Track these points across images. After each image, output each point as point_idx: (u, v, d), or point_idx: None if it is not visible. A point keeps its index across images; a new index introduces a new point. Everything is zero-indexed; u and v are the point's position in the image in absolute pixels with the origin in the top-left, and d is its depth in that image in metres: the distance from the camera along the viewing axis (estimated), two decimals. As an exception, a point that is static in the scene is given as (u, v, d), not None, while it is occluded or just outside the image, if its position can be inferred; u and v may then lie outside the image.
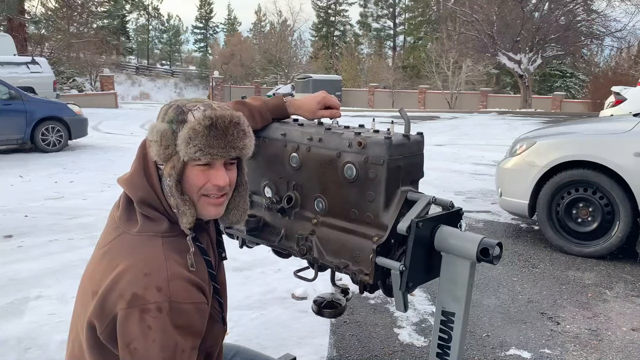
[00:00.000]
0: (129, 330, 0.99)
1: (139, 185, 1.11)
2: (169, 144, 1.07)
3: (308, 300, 3.20)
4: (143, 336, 0.98)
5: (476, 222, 5.16)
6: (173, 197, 1.09)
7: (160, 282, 1.00)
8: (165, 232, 1.09)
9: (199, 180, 1.10)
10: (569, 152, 4.20)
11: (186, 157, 1.07)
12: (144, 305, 0.98)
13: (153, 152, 1.10)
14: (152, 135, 1.10)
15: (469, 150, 10.47)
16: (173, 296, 1.01)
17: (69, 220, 5.04)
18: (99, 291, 1.04)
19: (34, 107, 9.56)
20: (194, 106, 1.10)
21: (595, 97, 23.44)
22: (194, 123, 1.06)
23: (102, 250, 1.11)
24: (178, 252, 1.08)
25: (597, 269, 3.93)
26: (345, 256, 1.33)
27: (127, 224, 1.11)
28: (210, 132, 1.06)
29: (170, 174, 1.08)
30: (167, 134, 1.08)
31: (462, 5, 26.92)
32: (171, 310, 1.00)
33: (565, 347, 2.76)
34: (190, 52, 66.91)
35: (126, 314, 0.99)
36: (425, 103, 30.59)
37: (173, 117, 1.09)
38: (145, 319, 0.98)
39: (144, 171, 1.12)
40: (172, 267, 1.03)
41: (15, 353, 2.58)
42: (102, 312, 1.03)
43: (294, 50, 42.98)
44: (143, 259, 1.04)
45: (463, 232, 1.26)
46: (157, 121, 1.12)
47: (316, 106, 1.48)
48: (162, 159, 1.09)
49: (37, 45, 26.46)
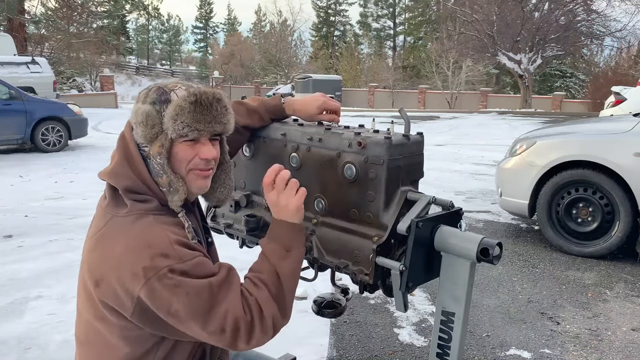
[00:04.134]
0: (162, 300, 1.01)
1: (123, 175, 1.12)
2: (155, 123, 1.10)
3: (308, 300, 3.20)
4: (175, 295, 1.00)
5: (476, 222, 5.16)
6: (166, 175, 1.12)
7: (164, 249, 1.03)
8: (154, 209, 1.11)
9: (187, 155, 1.13)
10: (569, 152, 4.20)
11: (174, 134, 1.10)
12: (158, 273, 1.00)
13: (138, 133, 1.11)
14: (136, 117, 1.12)
15: (469, 150, 10.47)
16: (180, 257, 1.03)
17: (69, 220, 5.04)
18: (104, 278, 1.04)
19: (34, 107, 9.56)
20: (175, 86, 1.14)
21: (595, 97, 23.43)
22: (179, 100, 1.10)
23: (94, 238, 1.11)
24: (172, 225, 1.10)
25: (597, 269, 3.93)
26: (345, 256, 1.33)
27: (116, 209, 1.11)
28: (195, 108, 1.10)
29: (160, 152, 1.11)
30: (152, 114, 1.10)
31: (462, 5, 26.92)
32: (185, 266, 1.02)
33: (565, 347, 2.76)
34: (190, 52, 67.01)
35: (148, 289, 1.00)
36: (425, 103, 30.58)
37: (155, 98, 1.12)
38: (166, 283, 1.00)
39: (126, 161, 1.13)
40: (170, 235, 1.06)
41: (15, 353, 2.58)
42: (125, 297, 1.03)
43: (294, 50, 43.00)
44: (139, 235, 1.05)
45: (463, 232, 1.26)
46: (139, 104, 1.13)
47: (316, 111, 1.47)
48: (148, 140, 1.11)
49: (37, 45, 26.45)
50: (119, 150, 1.15)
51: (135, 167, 1.12)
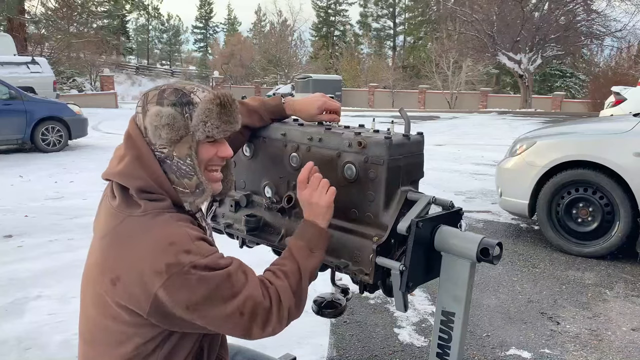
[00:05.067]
0: (180, 296, 1.02)
1: (136, 176, 1.11)
2: (180, 125, 1.11)
3: (308, 300, 3.20)
4: (197, 289, 1.03)
5: (476, 222, 5.16)
6: (196, 176, 1.14)
7: (186, 245, 1.05)
8: (169, 208, 1.12)
9: (208, 154, 1.18)
10: (569, 152, 4.20)
11: (202, 135, 1.14)
12: (181, 269, 1.02)
13: (161, 135, 1.11)
14: (159, 120, 1.11)
15: (469, 150, 10.47)
16: (202, 252, 1.06)
17: (69, 220, 5.04)
18: (123, 277, 1.05)
19: (34, 107, 9.56)
20: (192, 88, 1.15)
21: (595, 97, 23.43)
22: (207, 103, 1.13)
23: (108, 238, 1.11)
24: (187, 222, 1.12)
25: (597, 269, 3.93)
26: (345, 256, 1.33)
27: (129, 209, 1.11)
28: (221, 109, 1.14)
29: (188, 154, 1.13)
30: (177, 116, 1.11)
31: (462, 5, 26.93)
32: (206, 261, 1.05)
33: (565, 347, 2.76)
34: (190, 52, 66.90)
35: (169, 284, 1.01)
36: (425, 103, 30.58)
37: (176, 100, 1.12)
38: (189, 278, 1.02)
39: (138, 161, 1.12)
40: (189, 231, 1.08)
41: (15, 353, 2.58)
42: (143, 295, 1.03)
43: (294, 50, 42.96)
44: (161, 233, 1.06)
45: (463, 232, 1.26)
46: (156, 106, 1.12)
47: (316, 111, 1.48)
48: (172, 142, 1.12)
49: (37, 45, 26.43)
50: (129, 151, 1.14)
51: (147, 167, 1.12)
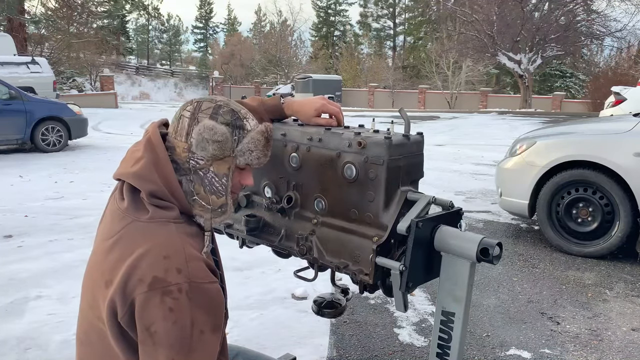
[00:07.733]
0: (150, 314, 1.00)
1: (150, 179, 1.11)
2: (228, 146, 1.14)
3: (308, 300, 3.20)
4: (164, 319, 0.99)
5: (476, 222, 5.16)
6: (225, 197, 1.16)
7: (179, 263, 1.02)
8: (176, 218, 1.11)
9: (236, 179, 1.21)
10: (569, 152, 4.20)
11: (243, 162, 1.17)
12: (165, 287, 1.00)
13: (208, 148, 1.12)
14: (213, 135, 1.12)
15: (469, 150, 10.47)
16: (192, 276, 1.02)
17: (69, 220, 5.04)
18: (115, 280, 1.04)
19: (34, 107, 9.55)
20: (247, 114, 1.18)
21: (595, 97, 23.42)
22: (256, 134, 1.17)
23: (111, 241, 1.10)
24: (190, 236, 1.11)
25: (597, 269, 3.93)
26: (345, 256, 1.33)
27: (136, 213, 1.10)
28: (265, 143, 1.19)
29: (226, 174, 1.16)
30: (228, 137, 1.13)
31: (462, 5, 26.92)
32: (191, 290, 1.01)
33: (565, 347, 2.76)
34: (190, 52, 66.90)
35: (146, 297, 0.99)
36: (425, 103, 30.59)
37: (231, 121, 1.14)
38: (166, 301, 0.99)
39: (154, 165, 1.12)
40: (188, 249, 1.06)
41: (15, 353, 2.57)
42: (122, 299, 1.03)
43: (294, 50, 43.00)
44: (160, 243, 1.05)
45: (463, 232, 1.26)
46: (208, 119, 1.13)
47: (313, 113, 1.47)
48: (214, 157, 1.14)
49: (37, 45, 26.43)
50: (147, 154, 1.13)
51: (162, 173, 1.12)
